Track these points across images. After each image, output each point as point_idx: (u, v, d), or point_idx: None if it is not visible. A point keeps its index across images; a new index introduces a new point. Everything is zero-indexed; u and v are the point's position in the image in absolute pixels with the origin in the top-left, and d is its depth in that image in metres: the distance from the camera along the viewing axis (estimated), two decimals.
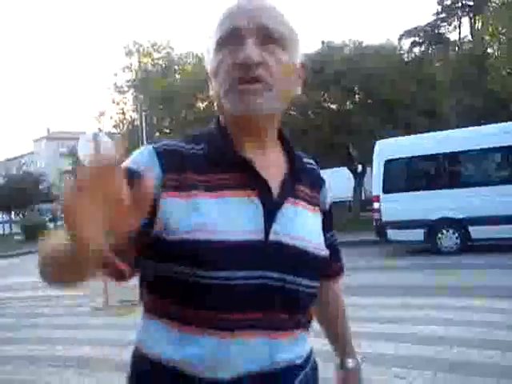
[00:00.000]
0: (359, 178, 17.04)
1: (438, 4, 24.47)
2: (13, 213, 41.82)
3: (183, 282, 0.89)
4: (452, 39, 24.73)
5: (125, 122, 29.11)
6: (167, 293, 0.93)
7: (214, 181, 0.92)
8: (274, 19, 0.93)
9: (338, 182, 22.20)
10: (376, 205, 10.59)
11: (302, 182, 1.03)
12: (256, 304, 0.90)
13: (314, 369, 1.07)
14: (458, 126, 10.82)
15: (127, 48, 31.29)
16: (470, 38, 23.78)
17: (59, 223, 33.41)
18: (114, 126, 28.88)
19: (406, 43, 23.35)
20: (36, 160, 66.50)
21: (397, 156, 10.29)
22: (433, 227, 9.81)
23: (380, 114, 14.18)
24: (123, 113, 29.73)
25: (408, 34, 24.09)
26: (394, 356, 4.20)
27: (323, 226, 1.07)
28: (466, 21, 24.32)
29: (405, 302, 6.06)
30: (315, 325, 1.16)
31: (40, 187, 39.25)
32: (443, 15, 24.41)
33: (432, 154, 10.07)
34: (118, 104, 30.14)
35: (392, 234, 10.24)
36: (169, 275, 0.91)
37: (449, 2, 24.32)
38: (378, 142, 10.78)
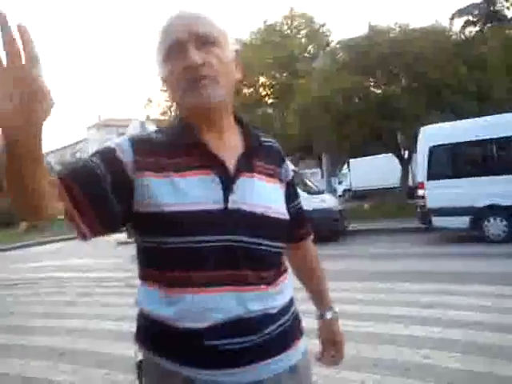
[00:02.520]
0: (406, 164, 16.75)
1: None
2: None
3: (160, 250, 1.09)
4: (510, 16, 23.52)
5: (172, 108, 29.63)
6: (150, 260, 1.15)
7: (179, 163, 1.12)
8: (205, 25, 1.14)
9: (383, 169, 22.02)
10: (421, 192, 10.48)
11: (259, 157, 1.22)
12: (223, 263, 1.09)
13: (295, 319, 1.24)
14: (509, 110, 10.44)
15: None
16: None
17: None
18: (162, 114, 29.41)
19: (459, 23, 22.42)
20: (88, 147, 68.64)
21: (441, 142, 10.10)
22: (479, 214, 9.62)
23: (426, 98, 13.86)
24: (170, 100, 30.22)
25: (460, 13, 23.10)
26: (426, 338, 4.28)
27: (287, 196, 1.28)
28: None
29: (443, 288, 6.06)
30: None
31: None
32: None
33: (477, 140, 9.82)
34: (165, 91, 30.66)
35: (437, 220, 10.12)
36: (149, 245, 1.13)
37: None
38: (422, 128, 10.60)
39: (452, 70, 13.62)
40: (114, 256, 12.90)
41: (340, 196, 24.33)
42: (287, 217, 1.22)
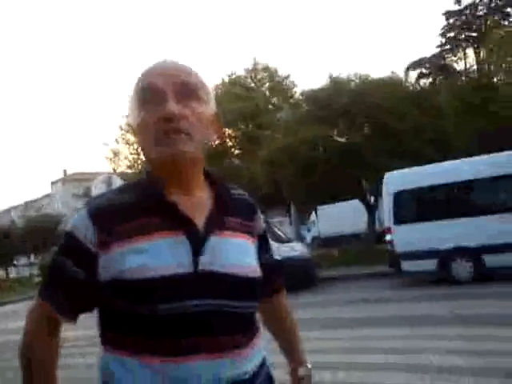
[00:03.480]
0: (372, 210, 17.05)
1: (442, 36, 24.81)
2: (32, 255, 42.23)
3: (128, 317, 1.03)
4: (458, 69, 24.97)
5: (139, 161, 29.59)
6: (119, 328, 1.07)
7: (143, 225, 1.06)
8: (187, 76, 1.10)
9: (350, 216, 22.29)
10: (388, 236, 10.65)
11: (230, 213, 1.15)
12: (196, 330, 1.02)
13: (268, 379, 1.18)
14: (467, 155, 10.88)
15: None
16: (475, 67, 24.02)
17: None
18: (129, 167, 29.32)
19: (413, 75, 23.65)
20: (54, 201, 67.46)
21: (405, 187, 10.38)
22: (446, 257, 9.79)
23: (388, 145, 14.33)
24: (138, 153, 30.24)
25: (414, 65, 24.37)
26: None
27: (260, 249, 1.22)
28: (470, 51, 24.60)
29: (412, 332, 6.05)
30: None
31: (58, 229, 39.75)
32: (448, 47, 24.71)
33: (441, 184, 10.13)
34: (132, 144, 30.69)
35: (405, 264, 10.23)
36: (116, 312, 1.06)
37: (452, 34, 24.67)
38: (386, 175, 10.89)
39: (411, 119, 14.19)
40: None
41: (309, 243, 24.39)
42: (260, 274, 1.15)
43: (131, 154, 30.20)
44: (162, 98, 1.06)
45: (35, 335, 1.13)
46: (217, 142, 22.59)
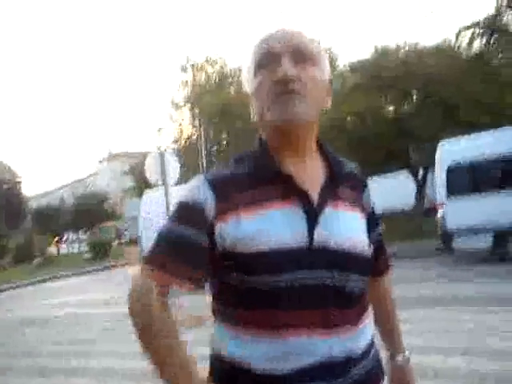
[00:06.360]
0: (421, 183, 16.41)
1: None
2: (80, 232, 43.65)
3: (242, 289, 1.03)
4: None
5: (183, 137, 29.75)
6: (230, 300, 1.07)
7: (259, 196, 1.05)
8: (303, 41, 1.10)
9: (398, 190, 21.68)
10: (440, 211, 10.12)
11: (342, 185, 1.13)
12: (310, 303, 1.01)
13: (377, 361, 1.15)
14: None
15: (182, 64, 31.94)
16: None
17: (122, 241, 34.61)
18: (173, 142, 29.55)
19: (465, 40, 22.36)
20: (100, 180, 69.29)
21: (461, 157, 9.70)
22: (503, 233, 9.23)
23: (440, 116, 13.66)
24: (181, 129, 30.40)
25: (467, 28, 23.12)
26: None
27: (369, 225, 1.18)
28: None
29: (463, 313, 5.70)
30: None
31: (104, 206, 40.83)
32: (504, 3, 23.22)
33: (500, 153, 9.33)
34: (175, 121, 30.86)
35: (458, 241, 9.73)
36: (230, 285, 1.05)
37: None
38: (439, 144, 10.25)
39: (465, 87, 13.41)
40: (127, 289, 12.56)
41: None
42: (371, 250, 1.14)
43: (175, 129, 30.39)
44: (278, 62, 1.06)
45: (155, 310, 1.03)
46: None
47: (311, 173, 1.10)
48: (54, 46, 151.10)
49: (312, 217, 1.05)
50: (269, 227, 1.02)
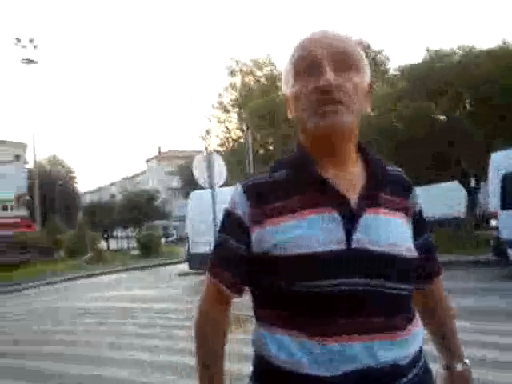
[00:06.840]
0: (473, 193, 15.91)
1: None
2: (129, 229, 44.75)
3: (278, 293, 1.04)
4: None
5: (230, 139, 29.99)
6: (272, 305, 1.08)
7: (297, 201, 1.06)
8: (346, 47, 1.07)
9: (448, 198, 21.09)
10: (494, 222, 9.82)
11: (384, 189, 1.10)
12: (349, 309, 1.00)
13: (426, 371, 1.11)
14: None
15: (230, 67, 32.18)
16: None
17: (170, 239, 35.21)
18: (220, 145, 29.82)
19: None
20: (148, 178, 70.84)
21: None
22: None
23: (493, 122, 13.19)
24: (228, 131, 30.67)
25: None
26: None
27: (415, 229, 1.15)
28: None
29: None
30: None
31: (154, 204, 41.68)
32: None
33: None
34: (223, 122, 31.15)
35: None
36: (269, 289, 1.06)
37: None
38: (493, 154, 10.02)
39: None
40: (174, 287, 12.92)
41: None
42: (416, 254, 1.09)
43: (222, 132, 30.70)
44: (319, 68, 1.04)
45: (208, 314, 1.15)
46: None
47: (351, 178, 1.08)
48: (110, 46, 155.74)
49: (350, 222, 1.03)
50: (307, 232, 1.02)
